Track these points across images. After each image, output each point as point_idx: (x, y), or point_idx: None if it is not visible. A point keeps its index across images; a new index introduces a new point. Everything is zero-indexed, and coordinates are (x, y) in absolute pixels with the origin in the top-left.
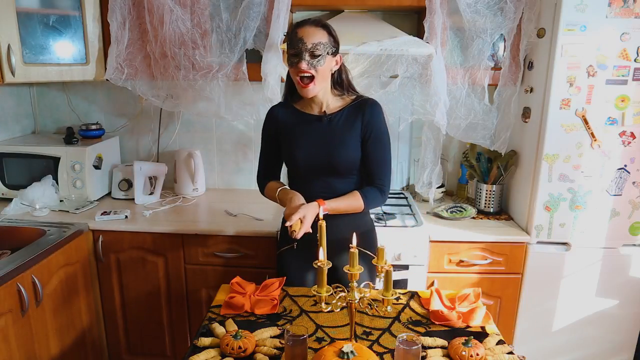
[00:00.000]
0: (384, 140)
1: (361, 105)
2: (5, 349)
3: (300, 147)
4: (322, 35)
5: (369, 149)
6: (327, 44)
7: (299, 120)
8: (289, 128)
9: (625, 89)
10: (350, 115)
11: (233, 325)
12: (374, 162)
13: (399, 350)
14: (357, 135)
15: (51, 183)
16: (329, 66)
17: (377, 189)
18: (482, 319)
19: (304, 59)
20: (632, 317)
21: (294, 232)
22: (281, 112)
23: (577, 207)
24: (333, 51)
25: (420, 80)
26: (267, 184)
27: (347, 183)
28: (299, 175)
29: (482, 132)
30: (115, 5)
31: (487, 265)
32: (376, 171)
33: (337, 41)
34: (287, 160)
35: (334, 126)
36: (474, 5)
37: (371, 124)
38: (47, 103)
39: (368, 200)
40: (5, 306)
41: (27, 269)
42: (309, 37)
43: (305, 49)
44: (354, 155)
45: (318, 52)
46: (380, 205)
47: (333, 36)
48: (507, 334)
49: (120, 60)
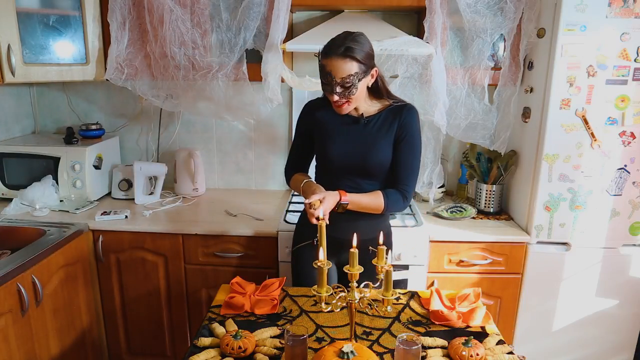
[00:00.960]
0: (416, 146)
1: (399, 109)
2: (5, 349)
3: (335, 145)
4: (351, 66)
5: (398, 151)
6: (357, 74)
7: (336, 120)
8: (326, 125)
9: (625, 89)
10: (387, 119)
11: (233, 325)
12: (401, 165)
13: (399, 350)
14: (391, 139)
15: (51, 183)
16: (364, 87)
17: (400, 193)
18: (482, 319)
19: (336, 92)
20: (632, 317)
21: (313, 207)
22: (318, 110)
23: (577, 207)
24: (365, 74)
25: (420, 80)
26: (294, 175)
27: (375, 185)
28: (330, 172)
29: (482, 132)
30: (115, 5)
31: (487, 265)
32: (402, 175)
33: (369, 58)
34: (319, 157)
35: (370, 129)
36: (474, 5)
37: (406, 128)
38: (47, 103)
39: (389, 202)
40: (5, 306)
41: (27, 269)
42: (337, 72)
43: (335, 82)
44: (386, 158)
45: (348, 83)
46: (401, 210)
47: (362, 62)
48: (507, 334)
49: (120, 60)
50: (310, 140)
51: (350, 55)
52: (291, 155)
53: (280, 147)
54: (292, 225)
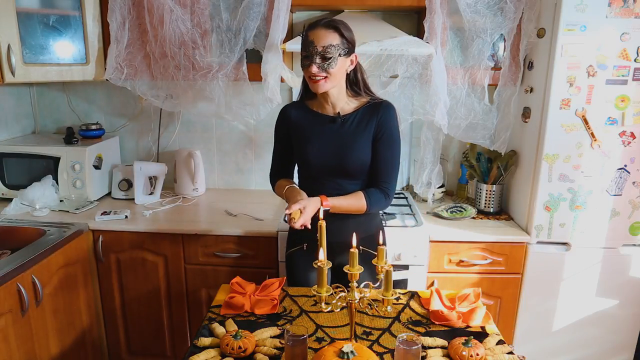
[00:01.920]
0: (394, 143)
1: (375, 107)
2: (5, 349)
3: (312, 147)
4: (333, 37)
5: (378, 149)
6: (338, 46)
7: (312, 121)
8: (302, 128)
9: (625, 89)
10: (364, 117)
11: (233, 325)
12: (381, 163)
13: (399, 350)
14: (370, 137)
15: (51, 183)
16: (342, 67)
17: (381, 191)
18: (482, 319)
19: (315, 62)
20: (632, 317)
21: (292, 219)
22: (294, 112)
23: (577, 207)
24: (346, 52)
25: (420, 80)
26: (278, 182)
27: (358, 185)
28: (310, 175)
29: (482, 132)
30: (115, 5)
31: (487, 265)
32: (382, 173)
33: (351, 41)
34: (298, 160)
35: (347, 128)
36: (474, 5)
37: (384, 125)
38: (47, 103)
39: (371, 202)
40: (5, 306)
41: (27, 269)
42: (319, 40)
43: (316, 52)
44: (366, 158)
45: (329, 54)
46: (384, 209)
47: (345, 37)
48: (507, 334)
49: (120, 60)
50: (290, 145)
51: (334, 26)
52: (273, 162)
53: None
54: None
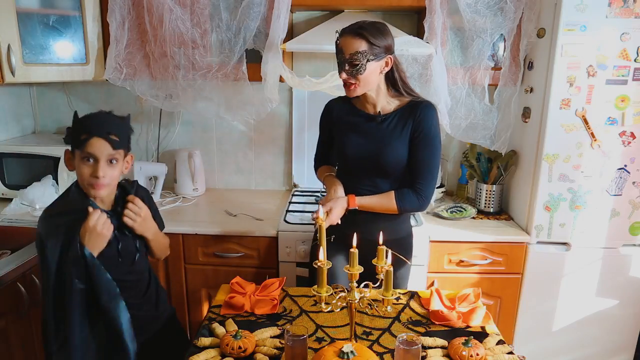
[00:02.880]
0: (432, 144)
1: (415, 106)
2: (5, 349)
3: (350, 143)
4: (360, 44)
5: (414, 149)
6: (365, 52)
7: (353, 117)
8: (342, 123)
9: (625, 89)
10: (403, 117)
11: (233, 325)
12: (416, 163)
13: (399, 350)
14: (407, 137)
15: (51, 183)
16: (374, 71)
17: (414, 191)
18: (482, 319)
19: (344, 69)
20: (632, 317)
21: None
22: (337, 107)
23: (577, 207)
24: (376, 56)
25: (420, 80)
26: (320, 167)
27: (393, 184)
28: (347, 170)
29: (482, 132)
30: (115, 5)
31: (487, 265)
32: (417, 173)
33: (381, 44)
34: (337, 155)
35: (385, 126)
36: (474, 5)
37: (421, 125)
38: (47, 103)
39: (402, 202)
40: (5, 306)
41: (27, 269)
42: (347, 47)
43: (344, 59)
44: (401, 157)
45: (356, 61)
46: (418, 211)
47: (372, 42)
48: (507, 334)
49: (120, 60)
50: (331, 137)
51: (360, 33)
52: (317, 149)
53: (280, 147)
54: (292, 225)
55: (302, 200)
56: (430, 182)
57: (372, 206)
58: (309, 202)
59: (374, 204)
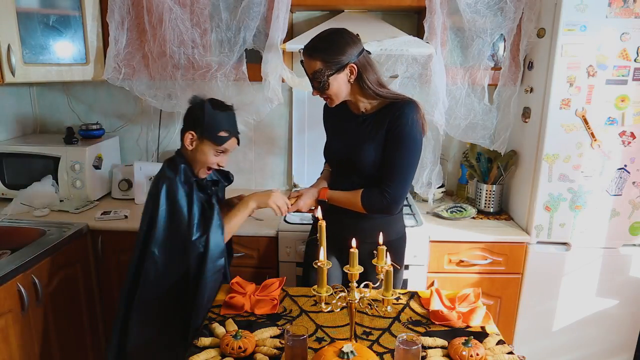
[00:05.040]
0: (404, 144)
1: (393, 106)
2: (5, 349)
3: (332, 141)
4: (314, 63)
5: (387, 149)
6: (322, 70)
7: (341, 117)
8: (331, 123)
9: (625, 89)
10: (382, 117)
11: (233, 325)
12: (385, 163)
13: (399, 350)
14: (382, 136)
15: (51, 183)
16: (341, 82)
17: (380, 192)
18: (482, 319)
19: (314, 87)
20: (632, 317)
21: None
22: (331, 108)
23: (577, 207)
24: (335, 69)
25: (420, 80)
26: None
27: (371, 185)
28: (332, 169)
29: (481, 132)
30: (115, 5)
31: (487, 265)
32: (386, 173)
33: (336, 59)
34: (325, 153)
35: (364, 127)
36: (474, 5)
37: (394, 125)
38: (47, 103)
39: (367, 201)
40: (5, 306)
41: (27, 269)
42: (307, 67)
43: (309, 77)
44: (375, 157)
45: (318, 79)
46: (387, 213)
47: (326, 59)
48: (507, 334)
49: (119, 60)
50: None
51: (312, 54)
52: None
53: (280, 147)
54: (292, 225)
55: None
56: (399, 184)
57: (340, 201)
58: None
59: (342, 199)
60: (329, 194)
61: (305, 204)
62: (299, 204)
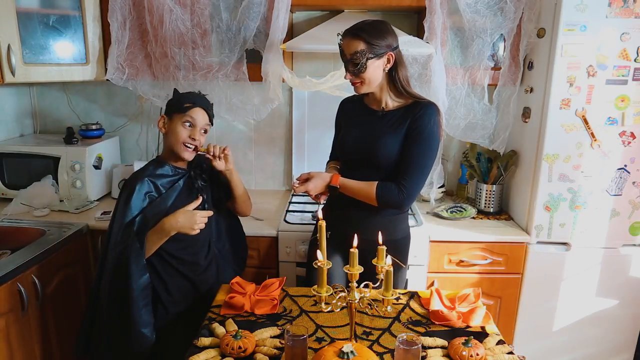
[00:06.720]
0: (424, 142)
1: (415, 106)
2: (5, 349)
3: (350, 135)
4: (358, 44)
5: (405, 146)
6: (364, 51)
7: (359, 113)
8: (349, 119)
9: (625, 89)
10: (404, 115)
11: (233, 325)
12: (405, 158)
13: (399, 350)
14: (402, 134)
15: (51, 183)
16: (377, 68)
17: (397, 185)
18: (482, 319)
19: (348, 70)
20: (632, 317)
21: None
22: (349, 105)
23: (577, 207)
24: (376, 54)
25: (420, 80)
26: (329, 162)
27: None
28: (345, 162)
29: (481, 132)
30: (116, 5)
31: (487, 265)
32: (404, 169)
33: (380, 43)
34: (337, 146)
35: (385, 122)
36: (474, 5)
37: (416, 124)
38: (47, 103)
39: (382, 193)
40: (5, 306)
41: (27, 269)
42: (347, 48)
43: (346, 59)
44: (393, 152)
45: (356, 60)
46: (399, 208)
47: (370, 42)
48: (507, 334)
49: (121, 61)
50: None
51: (357, 34)
52: (332, 148)
53: (280, 147)
54: (292, 225)
55: (302, 200)
56: (416, 181)
57: (353, 190)
58: (309, 202)
59: (355, 189)
60: (342, 181)
61: (315, 186)
62: (309, 186)
